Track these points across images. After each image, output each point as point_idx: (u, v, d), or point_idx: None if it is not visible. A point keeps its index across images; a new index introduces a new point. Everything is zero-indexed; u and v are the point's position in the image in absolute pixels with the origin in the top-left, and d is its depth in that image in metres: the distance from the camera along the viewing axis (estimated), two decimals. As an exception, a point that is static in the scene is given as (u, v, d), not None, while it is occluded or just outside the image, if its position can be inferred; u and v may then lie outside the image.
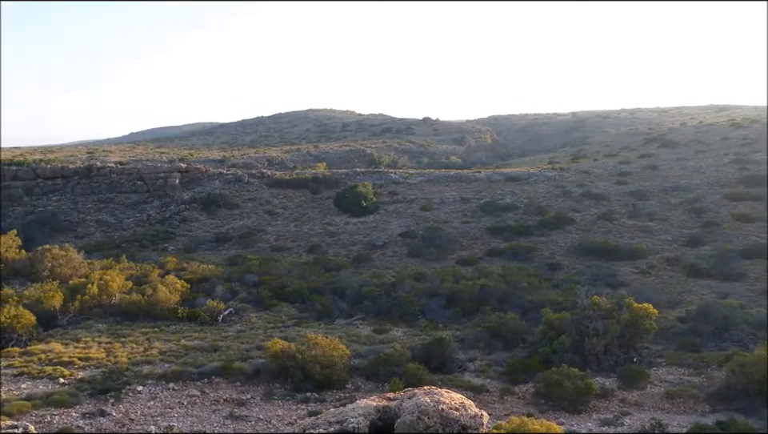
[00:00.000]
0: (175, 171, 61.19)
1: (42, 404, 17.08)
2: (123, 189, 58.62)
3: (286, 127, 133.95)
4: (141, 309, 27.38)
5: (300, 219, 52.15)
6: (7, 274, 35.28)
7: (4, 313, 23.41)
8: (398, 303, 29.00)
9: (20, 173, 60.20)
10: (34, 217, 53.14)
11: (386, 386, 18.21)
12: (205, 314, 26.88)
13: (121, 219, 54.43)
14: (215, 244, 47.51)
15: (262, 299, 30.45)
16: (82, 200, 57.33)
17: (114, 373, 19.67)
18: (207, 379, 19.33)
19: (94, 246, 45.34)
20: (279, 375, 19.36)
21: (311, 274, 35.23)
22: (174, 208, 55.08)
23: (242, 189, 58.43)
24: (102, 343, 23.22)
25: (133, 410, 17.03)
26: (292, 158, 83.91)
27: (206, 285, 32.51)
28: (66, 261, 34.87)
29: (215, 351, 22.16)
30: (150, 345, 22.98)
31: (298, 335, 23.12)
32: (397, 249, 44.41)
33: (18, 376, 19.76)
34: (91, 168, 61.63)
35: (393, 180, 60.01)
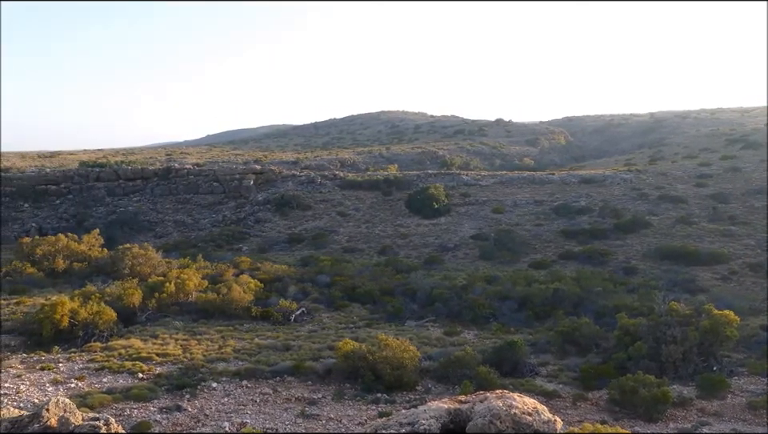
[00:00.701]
0: (250, 173, 62.31)
1: (121, 398, 17.63)
2: (200, 190, 60.03)
3: (358, 129, 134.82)
4: (216, 307, 27.95)
5: (372, 220, 52.36)
6: (90, 271, 36.59)
7: (87, 309, 24.25)
8: (469, 305, 28.77)
9: (103, 174, 62.36)
10: (115, 217, 54.89)
11: (457, 389, 18.09)
12: (277, 313, 27.25)
13: (197, 219, 55.72)
14: (288, 245, 48.13)
15: (334, 300, 30.68)
16: (161, 201, 58.96)
17: (189, 369, 20.12)
18: (279, 377, 19.57)
19: (171, 245, 46.55)
20: (350, 375, 19.45)
21: (382, 275, 35.31)
22: (249, 209, 56.06)
23: (315, 190, 59.05)
24: (179, 340, 23.80)
25: (207, 406, 17.38)
26: (364, 159, 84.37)
27: (279, 285, 32.96)
28: (145, 260, 35.95)
29: (287, 350, 22.42)
30: (224, 343, 23.42)
31: (369, 336, 23.19)
32: (468, 251, 44.12)
33: (100, 370, 20.44)
34: (170, 170, 63.35)
35: (465, 182, 59.66)
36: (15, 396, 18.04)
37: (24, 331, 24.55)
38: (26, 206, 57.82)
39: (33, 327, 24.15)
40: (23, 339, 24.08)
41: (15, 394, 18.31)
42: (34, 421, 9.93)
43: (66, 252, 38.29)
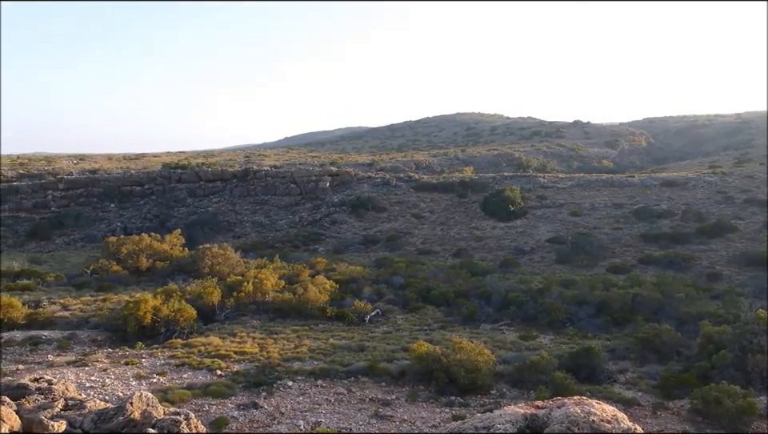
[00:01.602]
0: (326, 175, 63.02)
1: (200, 394, 18.06)
2: (277, 191, 61.07)
3: (433, 131, 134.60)
4: (292, 307, 28.33)
5: (446, 222, 52.19)
6: (172, 270, 37.67)
7: (169, 307, 24.96)
8: (545, 309, 28.33)
9: (184, 176, 64.15)
10: (196, 217, 56.34)
11: (532, 394, 17.83)
12: (352, 314, 27.43)
13: (275, 220, 56.67)
14: (363, 246, 48.44)
15: (408, 302, 30.69)
16: (240, 202, 60.26)
17: (266, 368, 20.44)
18: (354, 377, 19.68)
19: (249, 245, 47.45)
20: (424, 377, 19.40)
21: (457, 278, 35.14)
22: (325, 210, 56.68)
23: (390, 192, 59.26)
24: (256, 339, 24.23)
25: (283, 404, 17.61)
26: (439, 161, 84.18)
27: (354, 286, 33.18)
28: (224, 259, 36.77)
29: (362, 350, 22.53)
30: (300, 342, 23.71)
31: (443, 339, 23.10)
32: (545, 255, 43.51)
33: (180, 367, 20.99)
34: (248, 172, 64.66)
35: (541, 184, 58.86)
36: (101, 389, 18.70)
37: (109, 327, 25.45)
38: (112, 207, 59.99)
39: (118, 323, 25.01)
40: (109, 334, 24.96)
41: (101, 387, 18.98)
42: (118, 414, 10.27)
43: (149, 251, 39.52)
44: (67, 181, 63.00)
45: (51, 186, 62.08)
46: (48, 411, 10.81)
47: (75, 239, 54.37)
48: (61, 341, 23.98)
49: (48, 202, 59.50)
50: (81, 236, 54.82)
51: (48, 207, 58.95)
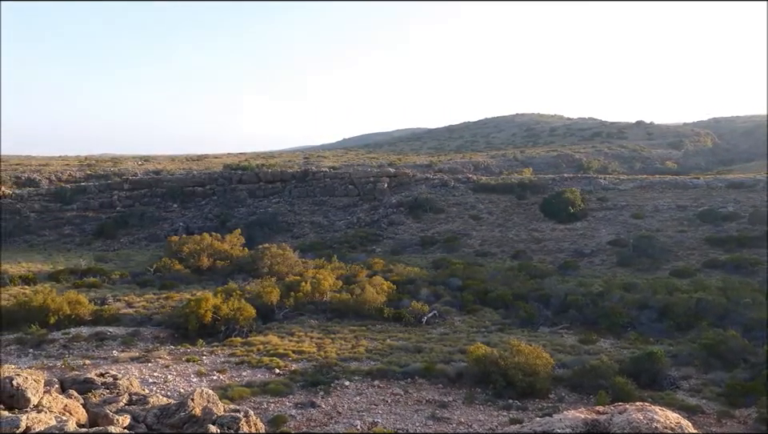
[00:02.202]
0: (384, 176, 63.14)
1: (259, 392, 18.31)
2: (336, 192, 61.47)
3: (492, 132, 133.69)
4: (349, 307, 28.47)
5: (505, 224, 51.77)
6: (232, 269, 38.26)
7: (229, 305, 25.36)
8: (605, 313, 27.82)
9: (245, 177, 65.12)
10: (255, 217, 57.11)
11: (591, 399, 17.53)
12: (409, 315, 27.41)
13: (333, 220, 57.04)
14: (420, 247, 48.39)
15: (465, 303, 30.53)
16: (298, 202, 60.84)
17: (323, 367, 20.59)
18: (410, 378, 19.66)
19: (308, 246, 47.87)
20: (481, 379, 19.26)
21: (515, 280, 34.81)
22: (383, 211, 56.80)
23: (448, 193, 59.07)
24: (314, 338, 24.43)
25: (340, 404, 17.71)
26: (498, 163, 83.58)
27: (411, 287, 33.15)
28: (282, 259, 37.19)
29: (419, 352, 22.51)
30: (357, 342, 23.82)
31: (501, 341, 22.91)
32: (605, 257, 42.78)
33: (240, 364, 21.31)
34: (307, 173, 65.27)
35: (602, 186, 57.88)
36: (163, 385, 19.10)
37: (172, 325, 26.01)
38: (175, 207, 61.25)
39: (179, 320, 25.55)
40: (171, 331, 25.51)
41: (163, 383, 19.40)
42: (180, 410, 10.46)
43: (210, 251, 40.23)
44: (132, 181, 64.60)
45: (117, 186, 63.74)
46: (113, 406, 11.08)
47: (139, 238, 55.70)
48: (125, 337, 24.60)
49: (114, 202, 61.10)
50: (145, 235, 56.13)
51: (114, 207, 60.53)
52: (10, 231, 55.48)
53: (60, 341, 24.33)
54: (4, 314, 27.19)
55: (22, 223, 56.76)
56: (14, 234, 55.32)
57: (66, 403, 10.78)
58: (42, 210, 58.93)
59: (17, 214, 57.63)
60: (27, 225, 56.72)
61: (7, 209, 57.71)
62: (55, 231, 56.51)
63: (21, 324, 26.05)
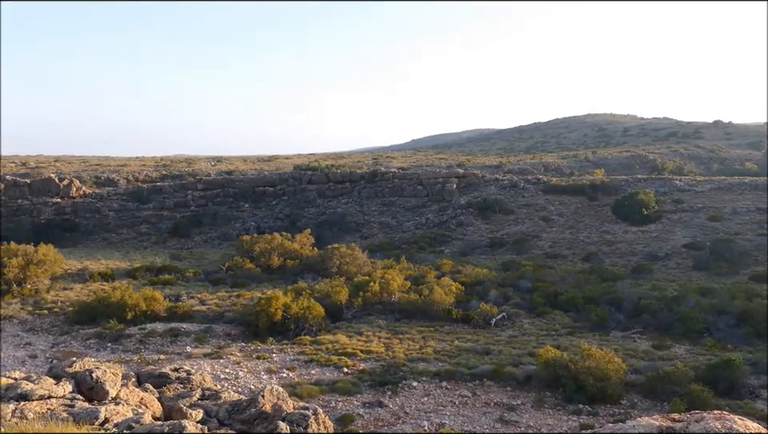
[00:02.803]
0: (453, 177, 62.94)
1: (328, 390, 18.50)
2: (404, 193, 61.57)
3: (563, 133, 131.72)
4: (417, 308, 28.47)
5: (576, 226, 50.93)
6: (301, 268, 38.74)
7: (299, 304, 25.68)
8: (680, 318, 27.05)
9: (314, 177, 65.87)
10: (325, 217, 57.67)
11: (665, 406, 17.09)
12: (478, 317, 27.24)
13: (401, 221, 57.14)
14: (489, 249, 48.04)
15: (535, 306, 30.15)
16: (367, 203, 61.16)
17: (391, 367, 20.66)
18: (478, 380, 19.54)
19: (376, 246, 48.07)
20: (550, 383, 19.00)
21: (586, 283, 34.21)
22: (451, 212, 56.61)
23: (518, 195, 58.47)
24: (382, 338, 24.52)
25: (408, 404, 17.73)
26: (568, 164, 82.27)
27: (480, 288, 32.95)
28: (351, 259, 37.46)
29: (487, 354, 22.35)
30: (425, 343, 23.81)
31: (571, 345, 22.55)
32: (680, 261, 41.62)
33: (309, 363, 21.57)
34: (376, 173, 65.58)
35: (677, 187, 56.36)
36: (234, 381, 19.49)
37: (243, 322, 26.53)
38: (247, 206, 62.38)
39: (250, 318, 26.03)
40: (242, 329, 26.01)
41: (234, 379, 19.79)
42: (251, 406, 10.65)
43: (281, 250, 40.81)
44: (205, 182, 66.08)
45: (191, 186, 65.30)
46: (186, 400, 11.36)
47: (212, 237, 56.94)
48: (198, 334, 25.20)
49: (188, 202, 62.62)
50: (217, 234, 57.34)
51: (188, 206, 62.04)
52: (90, 229, 57.51)
53: (136, 336, 25.09)
54: (85, 309, 28.22)
55: (102, 222, 58.74)
56: (94, 232, 57.30)
57: (142, 397, 11.10)
58: (120, 209, 60.86)
59: (96, 212, 59.67)
60: (106, 223, 58.67)
61: (88, 208, 59.83)
62: (132, 230, 58.27)
63: (100, 319, 27.00)
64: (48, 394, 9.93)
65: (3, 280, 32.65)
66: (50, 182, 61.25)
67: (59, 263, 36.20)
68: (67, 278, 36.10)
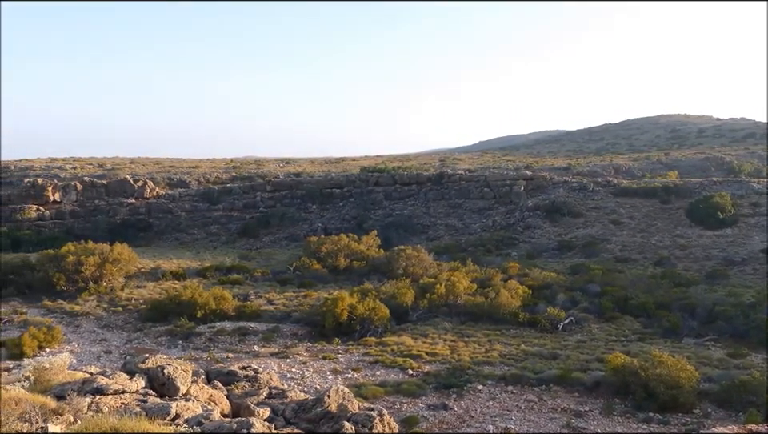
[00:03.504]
0: (520, 179, 62.33)
1: (392, 392, 18.54)
2: (471, 195, 61.25)
3: (634, 134, 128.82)
4: (483, 311, 28.28)
5: (647, 229, 49.76)
6: (368, 270, 38.92)
7: (364, 305, 25.83)
8: (757, 326, 26.11)
9: (381, 179, 66.14)
10: (391, 219, 57.83)
11: (740, 416, 16.52)
12: (545, 321, 26.90)
13: (468, 223, 56.86)
14: (557, 252, 47.35)
15: (604, 311, 29.57)
16: (434, 205, 61.06)
17: (456, 370, 20.57)
18: (545, 385, 19.28)
19: (442, 248, 47.92)
20: (619, 390, 18.61)
21: (658, 288, 33.37)
22: (518, 215, 56.04)
23: (587, 197, 57.47)
24: (447, 341, 24.46)
25: (473, 407, 17.63)
26: (640, 166, 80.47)
27: (547, 292, 32.53)
28: (417, 261, 37.46)
29: (554, 358, 22.04)
30: (490, 346, 23.63)
31: (641, 351, 22.04)
32: (758, 266, 40.18)
33: (374, 364, 21.66)
34: (442, 175, 65.43)
35: (755, 190, 54.47)
36: (300, 381, 19.72)
37: (309, 322, 26.84)
38: (314, 208, 63.05)
39: (317, 318, 26.32)
40: (308, 329, 26.31)
41: (300, 379, 20.03)
42: (317, 405, 10.77)
43: (347, 251, 41.10)
44: (274, 183, 67.07)
45: (260, 187, 66.39)
46: (254, 398, 11.56)
47: (280, 238, 57.75)
48: (265, 333, 25.60)
49: (257, 203, 63.67)
50: (285, 235, 58.13)
51: (256, 207, 63.08)
52: (162, 228, 59.09)
53: (206, 334, 25.65)
54: (157, 307, 29.02)
55: (174, 222, 60.28)
56: (166, 232, 58.86)
57: (211, 394, 11.35)
58: (192, 209, 62.32)
59: (169, 213, 61.26)
60: (178, 223, 60.18)
61: (161, 208, 61.48)
62: (203, 230, 59.60)
63: (171, 317, 27.71)
64: (122, 389, 10.25)
65: (81, 278, 33.83)
66: (125, 183, 63.20)
67: (133, 262, 37.29)
68: (141, 276, 37.17)
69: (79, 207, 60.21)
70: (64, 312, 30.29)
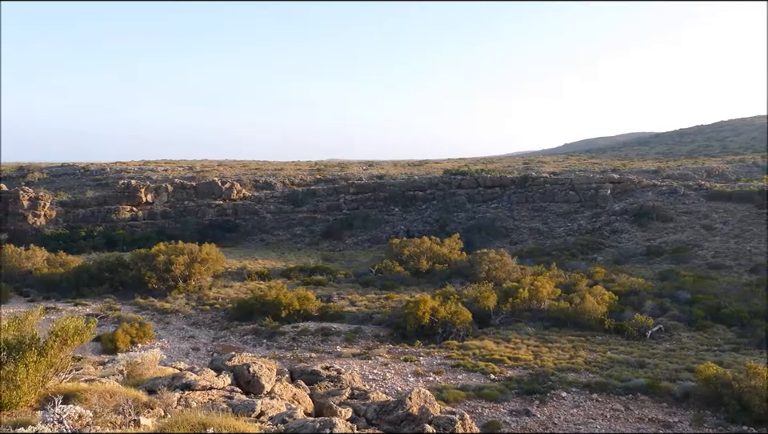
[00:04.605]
0: (607, 182, 60.96)
1: (474, 396, 18.41)
2: (556, 198, 60.28)
3: (728, 136, 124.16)
4: (568, 316, 27.78)
5: (742, 235, 47.81)
6: (450, 273, 38.82)
7: (446, 308, 25.75)
8: None
9: (464, 182, 65.84)
10: (474, 222, 57.46)
11: (844, 433, 15.67)
12: (632, 328, 26.18)
13: (552, 227, 55.95)
14: (645, 257, 46.04)
15: (695, 319, 28.56)
16: (517, 208, 60.36)
17: (539, 376, 20.26)
18: (632, 394, 18.76)
19: (525, 252, 47.35)
20: (711, 401, 17.92)
21: (753, 296, 31.99)
22: (605, 219, 54.81)
23: (677, 201, 55.70)
24: (530, 346, 24.12)
25: (556, 414, 17.31)
26: (735, 169, 77.41)
27: (635, 298, 31.66)
28: (500, 265, 37.12)
29: (641, 367, 21.43)
30: (575, 353, 23.18)
31: (735, 362, 21.19)
32: None
33: (456, 367, 21.56)
34: (527, 178, 64.61)
35: None
36: (382, 382, 19.81)
37: (391, 324, 26.93)
38: (396, 210, 63.25)
39: (398, 320, 26.38)
40: (390, 330, 26.41)
41: (382, 380, 20.11)
42: (398, 407, 10.78)
43: (429, 254, 41.10)
44: (357, 185, 67.65)
45: (343, 190, 67.09)
46: (336, 398, 11.67)
47: (362, 240, 58.20)
48: (348, 334, 25.83)
49: (340, 205, 64.38)
50: (367, 237, 58.55)
51: (340, 210, 63.79)
52: (248, 229, 60.47)
53: (290, 334, 26.09)
54: (243, 306, 29.70)
55: (259, 223, 61.60)
56: (252, 233, 60.20)
57: (294, 392, 11.52)
58: (277, 211, 63.53)
59: (255, 214, 62.63)
60: (263, 225, 61.45)
61: (247, 210, 62.92)
62: (287, 231, 60.67)
63: (256, 316, 28.32)
64: (209, 385, 10.53)
65: (170, 277, 34.97)
66: (214, 186, 64.97)
67: (221, 262, 38.29)
68: (227, 276, 38.14)
69: (170, 208, 62.27)
70: (155, 309, 31.40)
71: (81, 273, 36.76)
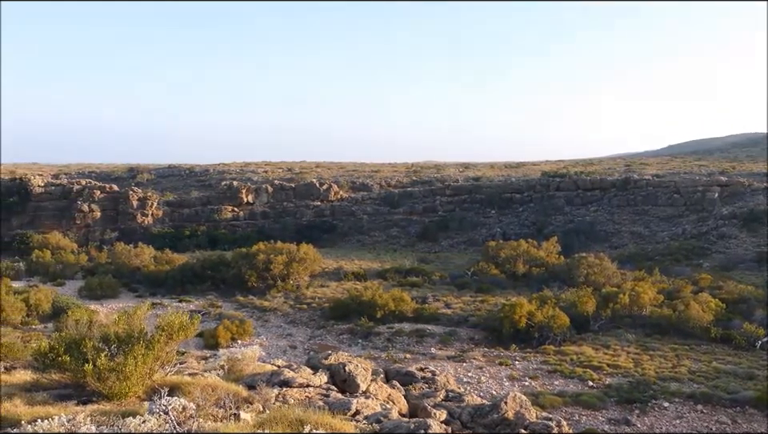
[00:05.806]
0: (714, 185, 58.54)
1: (571, 402, 18.05)
2: (658, 202, 58.32)
3: None
4: (671, 324, 26.85)
5: None
6: (547, 276, 38.17)
7: (543, 312, 25.33)
8: None
9: (562, 184, 64.55)
10: (572, 226, 56.28)
11: None
12: (740, 337, 25.04)
13: (655, 231, 54.17)
14: (756, 264, 43.89)
15: (810, 330, 27.04)
16: (618, 211, 58.71)
17: (640, 384, 19.67)
18: (740, 407, 17.96)
19: (626, 257, 46.01)
20: (827, 418, 16.95)
21: None
22: (711, 223, 52.63)
23: (791, 205, 52.84)
24: (631, 353, 23.46)
25: (658, 425, 16.77)
26: None
27: (743, 307, 30.26)
28: (599, 269, 36.22)
29: (750, 379, 20.47)
30: (678, 362, 22.39)
31: None
32: None
33: (552, 373, 21.20)
34: (628, 181, 62.79)
35: None
36: (476, 385, 19.69)
37: (486, 327, 26.73)
38: (493, 213, 62.70)
39: (494, 324, 26.16)
40: (485, 333, 26.22)
41: (476, 383, 20.00)
42: (493, 411, 10.69)
43: (526, 257, 40.54)
44: (453, 187, 67.43)
45: (439, 191, 66.99)
46: (431, 400, 11.67)
47: (458, 242, 57.95)
48: (443, 336, 25.81)
49: (436, 207, 64.30)
50: (463, 239, 58.24)
51: (435, 211, 63.71)
52: (345, 230, 61.25)
53: (385, 334, 26.28)
54: (339, 305, 30.13)
55: (356, 224, 62.29)
56: (349, 234, 60.94)
57: (389, 393, 11.59)
58: (373, 212, 64.08)
59: (351, 215, 63.39)
60: (360, 226, 62.10)
61: (344, 211, 63.78)
62: (384, 232, 61.07)
63: (352, 316, 28.67)
64: (306, 383, 10.73)
65: (270, 276, 35.85)
66: (312, 187, 66.18)
67: (318, 262, 38.96)
68: (324, 276, 38.77)
69: (269, 209, 63.83)
70: (254, 307, 32.28)
71: (185, 271, 38.25)
